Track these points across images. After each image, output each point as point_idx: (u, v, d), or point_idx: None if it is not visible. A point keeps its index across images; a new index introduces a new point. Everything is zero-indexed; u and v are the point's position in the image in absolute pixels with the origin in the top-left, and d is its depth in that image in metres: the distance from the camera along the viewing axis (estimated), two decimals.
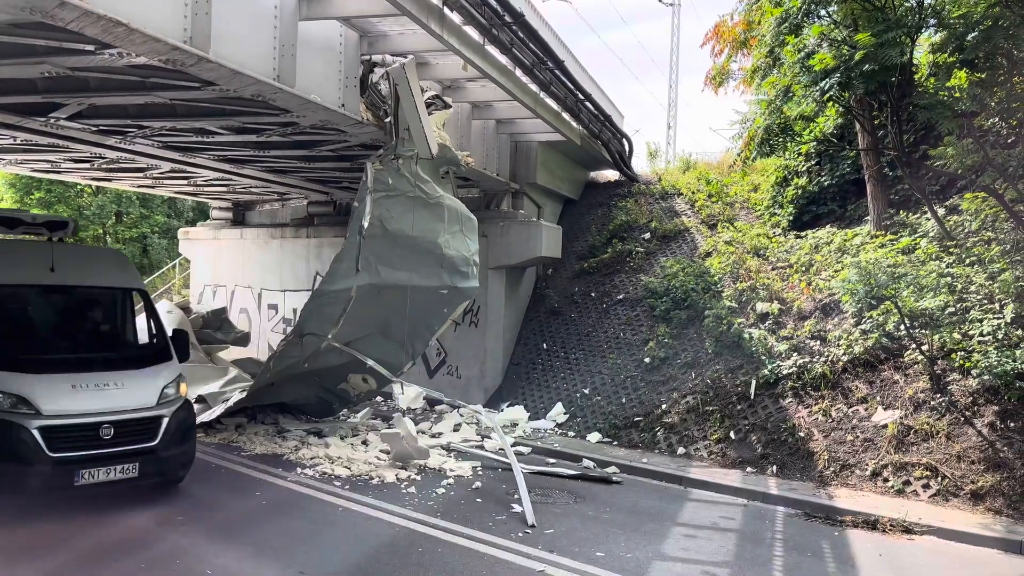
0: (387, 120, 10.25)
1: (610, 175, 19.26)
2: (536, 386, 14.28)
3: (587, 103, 13.85)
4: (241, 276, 19.02)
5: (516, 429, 12.70)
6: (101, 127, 11.14)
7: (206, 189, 18.05)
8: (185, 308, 16.66)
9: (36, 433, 7.08)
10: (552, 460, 11.00)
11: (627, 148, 17.64)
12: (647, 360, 13.22)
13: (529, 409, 13.58)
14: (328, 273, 10.64)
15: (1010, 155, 10.69)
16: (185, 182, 16.92)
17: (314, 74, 8.77)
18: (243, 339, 15.96)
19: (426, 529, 7.52)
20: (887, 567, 7.04)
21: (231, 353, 15.48)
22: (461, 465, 10.33)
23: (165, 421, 7.88)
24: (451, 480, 9.60)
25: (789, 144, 12.79)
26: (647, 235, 16.37)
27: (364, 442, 11.40)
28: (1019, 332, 9.69)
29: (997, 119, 11.71)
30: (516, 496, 8.59)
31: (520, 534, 7.51)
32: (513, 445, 11.30)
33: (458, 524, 7.70)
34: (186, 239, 20.62)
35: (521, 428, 12.76)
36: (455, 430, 12.62)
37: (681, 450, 11.26)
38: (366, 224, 10.11)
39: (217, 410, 12.03)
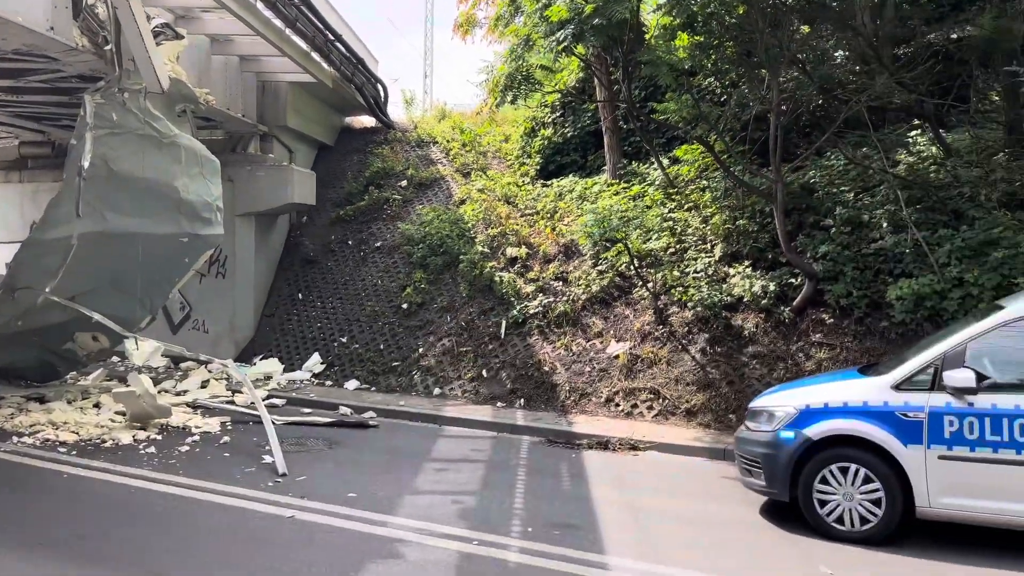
0: (107, 48, 9.23)
1: (366, 121, 18.93)
2: (291, 337, 13.90)
3: (338, 44, 13.47)
4: None
5: (270, 382, 12.32)
6: None
7: None
8: None
9: None
10: (308, 410, 10.83)
11: (382, 94, 17.43)
12: (405, 306, 13.37)
13: (284, 361, 13.24)
14: (43, 219, 9.48)
15: (723, 111, 12.02)
16: None
17: None
18: None
19: (165, 488, 7.08)
20: (612, 479, 7.83)
21: None
22: (208, 422, 9.85)
23: None
24: (197, 437, 9.12)
25: (533, 93, 13.35)
26: (404, 183, 16.38)
27: (96, 405, 10.44)
28: (726, 268, 11.06)
29: (713, 79, 13.09)
30: (267, 448, 8.36)
31: (271, 483, 7.33)
32: (267, 398, 10.97)
33: (202, 480, 7.34)
34: None
35: (276, 380, 12.41)
36: (203, 387, 11.97)
37: (437, 391, 11.60)
38: (86, 164, 9.10)
39: None
